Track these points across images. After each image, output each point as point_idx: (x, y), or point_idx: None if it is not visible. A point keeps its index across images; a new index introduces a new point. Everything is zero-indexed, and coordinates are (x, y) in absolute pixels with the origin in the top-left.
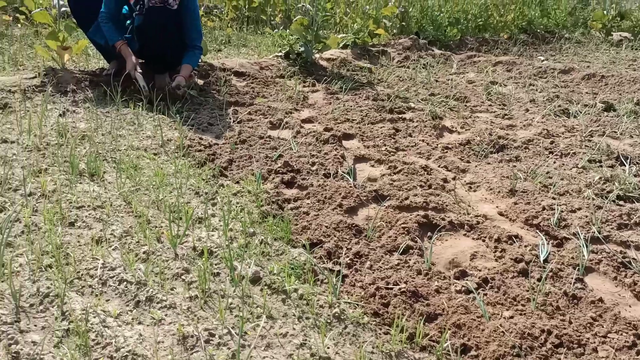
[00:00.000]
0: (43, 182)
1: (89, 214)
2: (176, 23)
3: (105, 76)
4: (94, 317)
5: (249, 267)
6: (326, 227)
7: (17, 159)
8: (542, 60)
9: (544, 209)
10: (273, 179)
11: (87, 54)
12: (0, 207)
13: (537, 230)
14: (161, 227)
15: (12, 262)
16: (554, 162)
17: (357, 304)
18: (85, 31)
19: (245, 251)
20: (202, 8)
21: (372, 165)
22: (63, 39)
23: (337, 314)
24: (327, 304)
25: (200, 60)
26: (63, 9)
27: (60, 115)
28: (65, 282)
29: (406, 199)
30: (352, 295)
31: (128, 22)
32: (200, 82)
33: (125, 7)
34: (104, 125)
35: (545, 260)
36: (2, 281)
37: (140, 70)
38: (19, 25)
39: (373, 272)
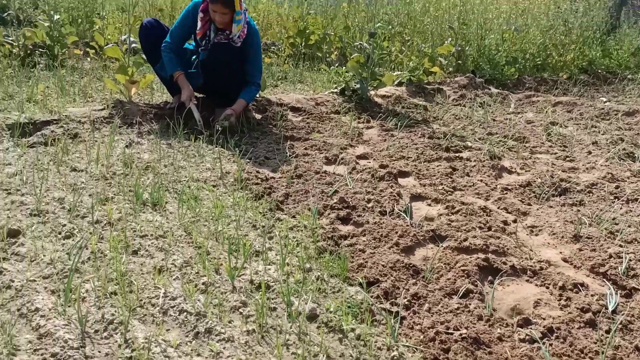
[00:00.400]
0: (109, 210)
1: (152, 243)
2: (240, 60)
3: (168, 109)
4: (156, 346)
5: (306, 303)
6: (383, 265)
7: (86, 187)
8: (605, 102)
9: (610, 256)
10: (329, 214)
11: (152, 87)
12: (70, 233)
13: (604, 279)
14: (220, 258)
15: (79, 287)
16: (620, 208)
17: (416, 348)
18: (152, 65)
19: (302, 287)
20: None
21: (429, 204)
22: (131, 73)
23: (395, 358)
24: (385, 346)
25: (257, 96)
26: (133, 45)
27: (126, 146)
28: (129, 309)
29: (465, 240)
30: (410, 338)
31: (194, 57)
32: (258, 116)
33: (192, 42)
34: (166, 157)
35: (614, 312)
36: (70, 306)
37: (196, 102)
38: (89, 59)
39: (432, 315)
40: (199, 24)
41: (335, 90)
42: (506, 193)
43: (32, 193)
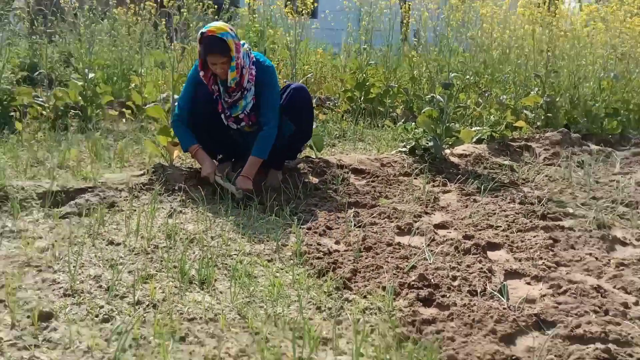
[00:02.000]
0: (152, 290)
1: (201, 328)
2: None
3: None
4: None
5: None
6: (479, 358)
7: (125, 262)
8: None
9: None
10: (407, 294)
11: None
12: (108, 316)
13: None
14: (281, 347)
15: None
16: None
17: None
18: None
19: None
20: (314, 100)
21: (528, 283)
22: (174, 135)
23: None
24: None
25: (314, 157)
26: (175, 103)
27: (168, 215)
28: None
29: (577, 327)
30: None
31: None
32: (315, 180)
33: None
34: (213, 228)
35: None
36: None
37: (220, 174)
38: (125, 120)
39: None
40: (205, 81)
41: (404, 149)
42: (622, 269)
43: (66, 270)
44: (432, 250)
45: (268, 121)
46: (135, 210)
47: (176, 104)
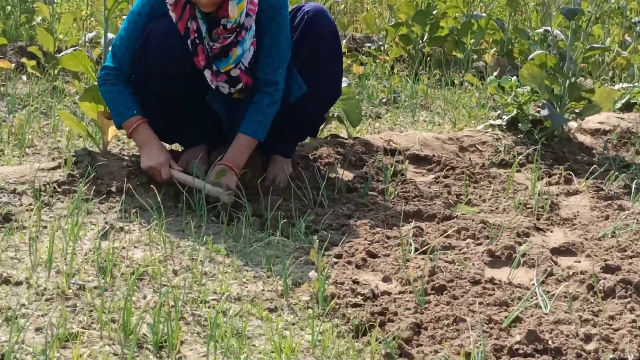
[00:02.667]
0: (75, 358)
1: None
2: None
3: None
4: None
5: None
6: None
7: (29, 313)
8: None
9: None
10: None
11: None
12: None
13: None
14: None
15: None
16: None
17: None
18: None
19: None
20: (344, 41)
21: None
22: None
23: None
24: None
25: (346, 137)
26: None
27: (101, 235)
28: None
29: None
30: None
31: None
32: (349, 175)
33: None
34: (177, 256)
35: None
36: None
37: (180, 168)
38: (25, 77)
39: None
40: (173, 17)
41: (498, 121)
42: None
43: None
44: (548, 292)
45: (270, 79)
46: (45, 227)
47: (110, 50)
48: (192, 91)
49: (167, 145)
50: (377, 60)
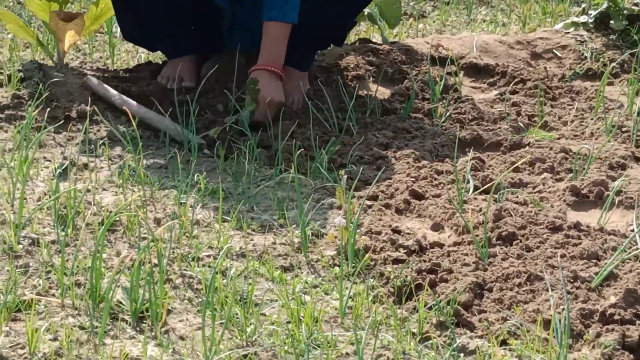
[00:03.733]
0: (30, 335)
1: None
2: None
3: (162, 86)
4: None
5: None
6: None
7: None
8: None
9: None
10: (598, 336)
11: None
12: None
13: None
14: None
15: None
16: None
17: None
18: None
19: None
20: None
21: None
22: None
23: None
24: None
25: (361, 34)
26: None
27: (58, 174)
28: None
29: None
30: None
31: None
32: (385, 91)
33: None
34: (159, 199)
35: None
36: None
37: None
38: None
39: None
40: None
41: (582, 19)
42: None
43: None
44: None
45: None
46: None
47: None
48: None
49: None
50: None
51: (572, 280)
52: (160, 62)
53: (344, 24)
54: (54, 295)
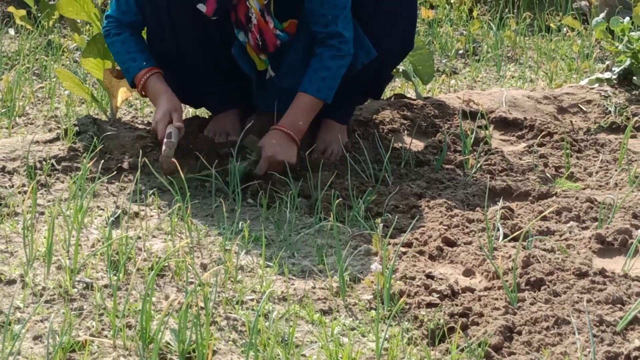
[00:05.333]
0: None
1: None
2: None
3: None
4: None
5: None
6: None
7: (24, 318)
8: None
9: None
10: None
11: None
12: None
13: None
14: None
15: None
16: None
17: None
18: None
19: None
20: None
21: None
22: None
23: None
24: None
25: (396, 89)
26: None
27: (111, 222)
28: None
29: None
30: None
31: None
32: (419, 144)
33: None
34: (205, 246)
35: None
36: None
37: (180, 124)
38: (13, 29)
39: None
40: None
41: (606, 75)
42: None
43: None
44: None
45: (332, 31)
46: (42, 214)
47: None
48: (212, 41)
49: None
50: (452, 2)
51: (597, 324)
52: (207, 117)
53: (382, 79)
54: (106, 336)
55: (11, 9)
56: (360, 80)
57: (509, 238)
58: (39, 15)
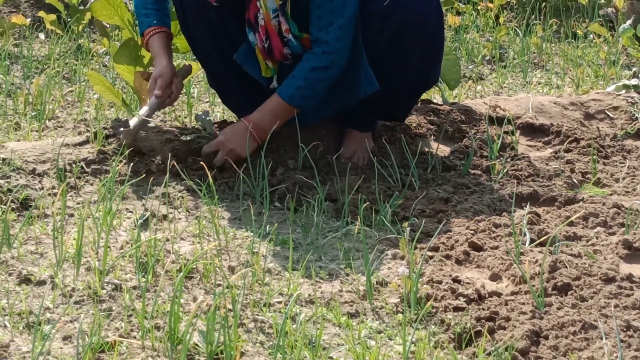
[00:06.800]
0: None
1: None
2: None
3: None
4: None
5: None
6: None
7: (54, 318)
8: None
9: None
10: None
11: (199, 95)
12: None
13: None
14: None
15: None
16: None
17: None
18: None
19: None
20: None
21: None
22: (150, 60)
23: None
24: None
25: (438, 101)
26: None
27: (139, 225)
28: None
29: None
30: None
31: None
32: (445, 149)
33: None
34: (233, 249)
35: None
36: None
37: (158, 92)
38: (43, 34)
39: None
40: None
41: (633, 81)
42: None
43: None
44: None
45: (320, 37)
46: (72, 216)
47: None
48: (222, 40)
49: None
50: (478, 8)
51: (625, 329)
52: (235, 121)
53: (401, 107)
54: (135, 337)
55: (41, 13)
56: (374, 102)
57: (535, 243)
58: (68, 19)
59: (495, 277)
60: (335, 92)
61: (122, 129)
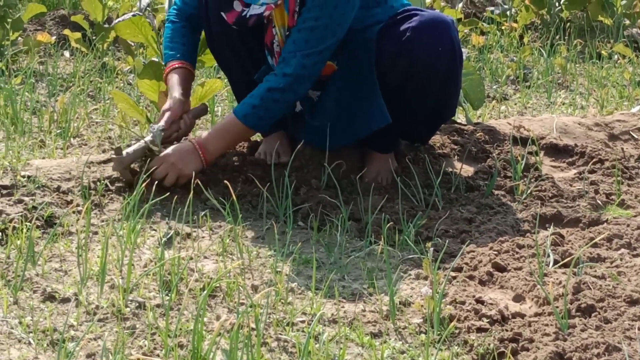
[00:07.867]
0: None
1: None
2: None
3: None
4: None
5: None
6: None
7: (78, 336)
8: None
9: None
10: None
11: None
12: None
13: None
14: None
15: None
16: None
17: None
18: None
19: None
20: (460, 4)
21: None
22: None
23: None
24: None
25: (463, 122)
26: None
27: (163, 243)
28: None
29: None
30: None
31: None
32: (469, 169)
33: None
34: (256, 268)
35: None
36: None
37: (160, 124)
38: (68, 52)
39: None
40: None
41: None
42: None
43: None
44: None
45: (284, 57)
46: (96, 233)
47: None
48: (245, 62)
49: None
50: (503, 28)
51: None
52: (259, 140)
53: (417, 130)
54: (158, 355)
55: (67, 31)
56: (394, 126)
57: (559, 264)
58: (93, 38)
59: (518, 298)
60: (348, 124)
61: (114, 156)
